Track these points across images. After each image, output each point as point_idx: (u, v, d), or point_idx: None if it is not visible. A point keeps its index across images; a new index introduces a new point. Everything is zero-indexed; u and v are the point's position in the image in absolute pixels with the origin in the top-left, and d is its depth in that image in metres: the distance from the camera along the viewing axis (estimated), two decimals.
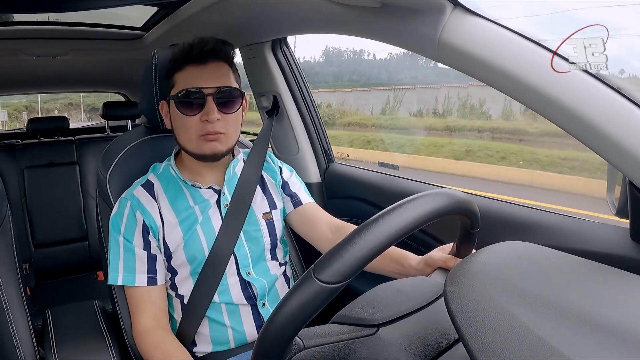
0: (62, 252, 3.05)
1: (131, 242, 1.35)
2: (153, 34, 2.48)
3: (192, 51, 1.34)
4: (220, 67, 1.36)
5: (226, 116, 1.35)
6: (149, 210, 1.37)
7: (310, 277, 0.71)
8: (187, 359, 1.30)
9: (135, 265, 1.35)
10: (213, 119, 1.31)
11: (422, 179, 1.78)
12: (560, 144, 6.30)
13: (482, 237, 1.03)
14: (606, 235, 1.16)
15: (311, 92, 2.20)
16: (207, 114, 1.31)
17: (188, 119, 1.33)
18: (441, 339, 0.85)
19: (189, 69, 1.34)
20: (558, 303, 0.66)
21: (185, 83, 1.34)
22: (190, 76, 1.34)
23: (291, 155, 2.19)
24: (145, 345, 1.33)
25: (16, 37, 2.43)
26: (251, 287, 1.42)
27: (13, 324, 1.34)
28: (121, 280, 1.34)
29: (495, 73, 1.01)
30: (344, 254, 0.72)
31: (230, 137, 1.38)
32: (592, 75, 0.94)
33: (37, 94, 20.81)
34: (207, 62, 1.34)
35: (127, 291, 1.38)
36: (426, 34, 1.11)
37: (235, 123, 1.39)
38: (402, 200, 0.80)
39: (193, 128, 1.33)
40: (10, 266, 1.40)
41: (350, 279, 0.72)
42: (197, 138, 1.34)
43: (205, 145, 1.34)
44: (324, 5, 1.35)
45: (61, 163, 3.13)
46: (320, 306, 0.71)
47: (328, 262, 0.72)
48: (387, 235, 0.74)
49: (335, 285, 0.71)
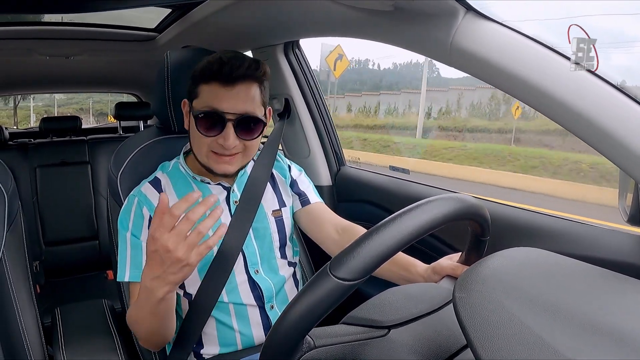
0: (73, 251, 3.07)
1: (139, 238, 1.34)
2: (166, 35, 2.49)
3: (221, 69, 1.26)
4: (248, 89, 1.29)
5: (244, 141, 1.31)
6: (156, 205, 1.37)
7: (327, 273, 0.71)
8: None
9: (143, 261, 1.33)
10: (229, 146, 1.28)
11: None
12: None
13: (492, 243, 1.02)
14: (618, 242, 1.15)
15: (323, 95, 2.20)
16: (223, 139, 1.27)
17: (204, 137, 1.30)
18: (451, 343, 0.84)
19: (215, 86, 1.27)
20: (568, 310, 0.65)
21: (207, 99, 1.28)
22: (215, 95, 1.27)
23: (302, 157, 2.19)
24: (128, 319, 1.29)
25: (30, 37, 2.45)
26: (259, 287, 1.42)
27: (22, 321, 1.35)
28: (128, 276, 1.32)
29: (507, 77, 1.01)
30: (361, 252, 0.72)
31: (247, 156, 1.36)
32: (607, 81, 0.94)
33: (54, 100, 21.12)
34: (235, 84, 1.27)
35: (133, 287, 1.34)
36: (438, 38, 1.11)
37: (253, 147, 1.35)
38: (418, 202, 0.80)
39: (207, 145, 1.31)
40: (21, 264, 1.41)
41: (366, 277, 0.72)
42: (208, 153, 1.32)
43: (216, 165, 1.33)
44: (336, 8, 1.35)
45: (73, 162, 3.15)
46: (335, 303, 0.71)
47: (345, 259, 0.72)
48: (404, 235, 0.75)
49: (351, 283, 0.71)
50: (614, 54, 9.74)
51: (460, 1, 1.04)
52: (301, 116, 2.15)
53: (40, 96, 22.15)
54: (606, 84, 0.94)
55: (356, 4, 1.27)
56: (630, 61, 10.47)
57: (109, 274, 3.07)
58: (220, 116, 1.27)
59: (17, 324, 1.34)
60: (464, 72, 1.13)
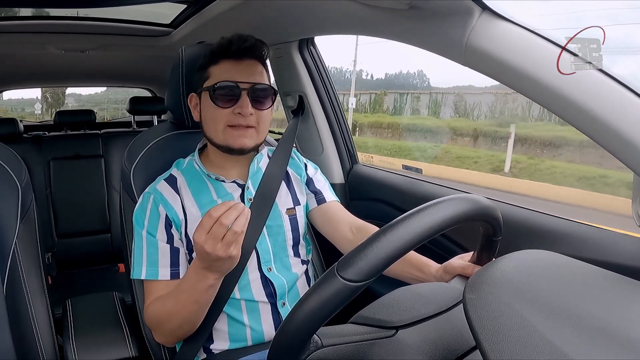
0: (85, 243, 3.10)
1: (154, 236, 1.35)
2: (181, 31, 2.50)
3: (230, 46, 1.35)
4: (255, 65, 1.38)
5: (259, 112, 1.36)
6: (172, 203, 1.38)
7: (333, 275, 0.71)
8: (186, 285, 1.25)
9: (159, 259, 1.34)
10: (246, 113, 1.33)
11: None
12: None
13: (504, 244, 1.02)
14: (630, 246, 1.13)
15: (337, 93, 2.20)
16: (240, 107, 1.33)
17: (220, 110, 1.34)
18: (459, 344, 0.84)
19: (225, 63, 1.36)
20: (578, 314, 0.65)
21: (220, 76, 1.35)
22: (227, 70, 1.36)
23: (316, 155, 2.20)
24: (152, 314, 1.31)
25: (46, 31, 2.47)
26: (271, 284, 1.42)
27: (33, 312, 1.36)
28: (144, 274, 1.34)
29: (522, 78, 1.00)
30: (368, 253, 0.72)
31: (260, 132, 1.39)
32: (621, 83, 0.93)
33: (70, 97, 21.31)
34: (243, 59, 1.37)
35: (148, 285, 1.36)
36: (453, 37, 1.10)
37: (266, 119, 1.40)
38: (427, 203, 0.79)
39: (223, 119, 1.35)
40: (33, 255, 1.42)
41: (373, 279, 0.72)
42: (225, 129, 1.35)
43: (233, 139, 1.35)
44: (351, 6, 1.35)
45: (87, 156, 3.18)
46: (342, 304, 0.71)
47: (352, 260, 0.72)
48: (411, 237, 0.74)
49: (358, 284, 0.70)
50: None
51: (476, 0, 1.03)
52: (315, 114, 2.15)
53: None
54: (620, 85, 0.93)
55: (371, 2, 1.26)
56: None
57: (121, 267, 3.09)
58: (235, 86, 1.34)
59: (28, 314, 1.35)
60: (479, 72, 1.12)
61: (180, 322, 1.27)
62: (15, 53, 2.94)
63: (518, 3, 1.16)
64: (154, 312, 1.30)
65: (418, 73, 20.91)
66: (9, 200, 1.38)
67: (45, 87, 14.65)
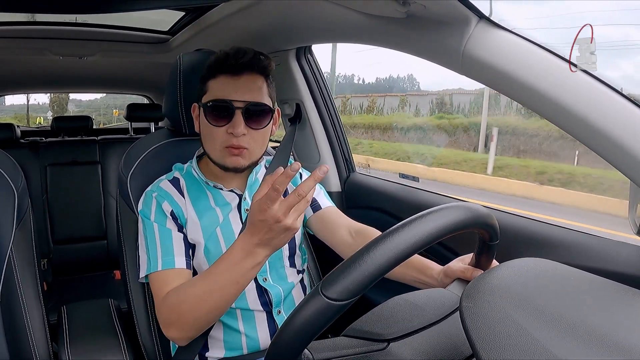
0: (81, 250, 3.08)
1: (165, 226, 1.34)
2: (179, 38, 2.51)
3: (227, 61, 1.32)
4: (254, 80, 1.34)
5: (253, 131, 1.33)
6: (177, 201, 1.37)
7: (318, 294, 0.71)
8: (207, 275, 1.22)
9: (173, 247, 1.32)
10: (238, 133, 1.30)
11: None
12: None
13: (501, 253, 1.02)
14: (627, 254, 1.14)
15: (334, 101, 2.20)
16: (233, 127, 1.30)
17: (215, 129, 1.32)
18: (453, 355, 0.84)
19: (222, 79, 1.33)
20: (576, 323, 0.65)
21: (216, 92, 1.33)
22: (222, 86, 1.32)
23: (312, 163, 2.19)
24: (172, 305, 1.23)
25: (44, 37, 2.47)
26: (267, 294, 1.41)
27: (28, 318, 1.35)
28: (161, 264, 1.29)
29: (519, 87, 1.01)
30: (352, 272, 0.71)
31: (253, 152, 1.37)
32: (617, 91, 0.93)
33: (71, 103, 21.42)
34: (241, 74, 1.32)
35: (162, 276, 1.30)
36: (450, 46, 1.11)
37: (262, 139, 1.37)
38: (413, 217, 0.78)
39: (219, 139, 1.33)
40: (29, 261, 1.41)
41: (358, 297, 0.71)
42: (221, 149, 1.33)
43: (228, 158, 1.34)
44: (348, 15, 1.35)
45: (84, 162, 3.17)
46: (327, 323, 0.71)
47: (335, 280, 0.71)
48: (396, 253, 0.73)
49: (342, 303, 0.70)
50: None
51: (473, 9, 1.04)
52: (312, 122, 2.15)
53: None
54: (617, 93, 0.94)
55: (369, 10, 1.27)
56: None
57: (116, 274, 3.07)
58: (228, 105, 1.30)
59: (23, 321, 1.34)
60: (475, 81, 1.12)
61: (210, 307, 1.20)
62: (13, 58, 2.94)
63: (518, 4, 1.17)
64: (173, 303, 1.23)
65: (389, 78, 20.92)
66: (4, 206, 1.37)
67: (42, 93, 14.69)
